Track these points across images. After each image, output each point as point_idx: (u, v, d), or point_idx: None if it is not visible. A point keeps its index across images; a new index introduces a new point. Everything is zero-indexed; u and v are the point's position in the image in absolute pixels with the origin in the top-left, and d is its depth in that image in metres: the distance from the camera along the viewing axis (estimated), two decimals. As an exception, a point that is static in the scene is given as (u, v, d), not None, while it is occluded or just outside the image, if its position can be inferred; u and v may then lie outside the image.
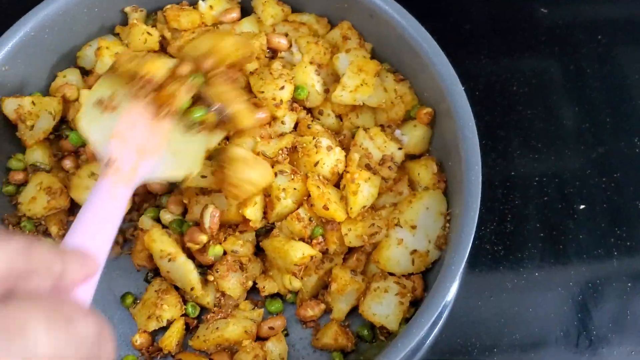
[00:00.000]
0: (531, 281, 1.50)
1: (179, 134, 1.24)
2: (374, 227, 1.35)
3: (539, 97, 1.68)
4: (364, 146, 1.43)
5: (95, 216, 1.03)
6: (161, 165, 1.20)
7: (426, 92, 1.44)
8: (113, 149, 1.16)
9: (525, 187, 1.58)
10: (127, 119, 1.21)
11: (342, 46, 1.54)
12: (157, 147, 1.20)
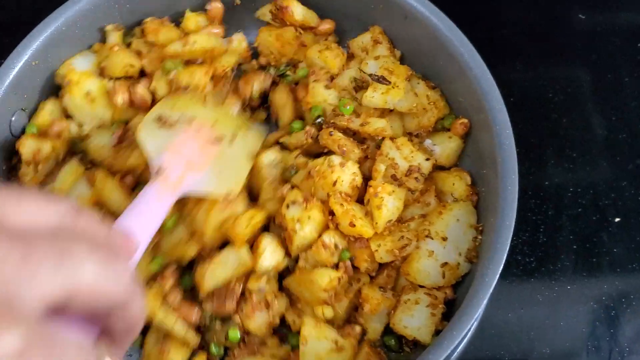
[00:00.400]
0: (563, 294, 1.46)
1: (227, 157, 1.35)
2: (403, 240, 1.32)
3: (575, 106, 1.64)
4: (390, 156, 1.39)
5: (141, 211, 1.14)
6: (205, 181, 1.29)
7: (461, 97, 1.41)
8: (165, 159, 1.27)
9: (559, 198, 1.55)
10: (182, 137, 1.32)
11: (371, 51, 1.51)
12: (204, 164, 1.31)
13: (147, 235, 1.11)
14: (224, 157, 1.35)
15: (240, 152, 1.39)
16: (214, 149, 1.34)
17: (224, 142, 1.36)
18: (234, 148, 1.38)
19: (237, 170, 1.37)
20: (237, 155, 1.38)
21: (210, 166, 1.32)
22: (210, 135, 1.36)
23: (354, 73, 1.50)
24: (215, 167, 1.33)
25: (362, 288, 1.32)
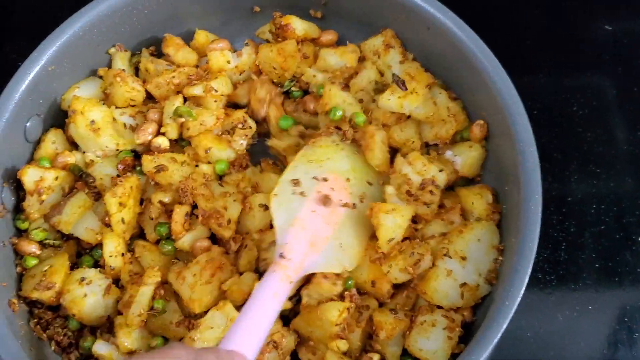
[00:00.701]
0: (584, 314, 1.42)
1: (351, 222, 1.30)
2: (415, 255, 1.28)
3: (600, 119, 1.60)
4: (402, 172, 1.36)
5: (254, 318, 1.10)
6: (324, 257, 1.25)
7: (484, 111, 1.37)
8: (289, 238, 1.24)
9: (581, 214, 1.51)
10: (310, 205, 1.28)
11: (383, 54, 1.48)
12: (327, 239, 1.26)
13: (260, 342, 1.08)
14: (348, 222, 1.30)
15: (365, 214, 1.31)
16: (340, 214, 1.29)
17: (356, 203, 1.32)
18: (361, 209, 1.33)
19: (359, 239, 1.31)
20: (362, 219, 1.32)
21: (334, 237, 1.28)
22: (342, 195, 1.31)
23: (373, 75, 1.48)
24: (336, 237, 1.28)
25: (373, 314, 1.29)
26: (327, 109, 1.44)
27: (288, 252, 1.22)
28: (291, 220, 1.26)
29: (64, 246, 1.39)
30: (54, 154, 1.43)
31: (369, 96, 1.47)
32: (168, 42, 1.53)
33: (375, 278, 1.30)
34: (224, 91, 1.48)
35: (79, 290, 1.29)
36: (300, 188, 1.31)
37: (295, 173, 1.34)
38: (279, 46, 1.49)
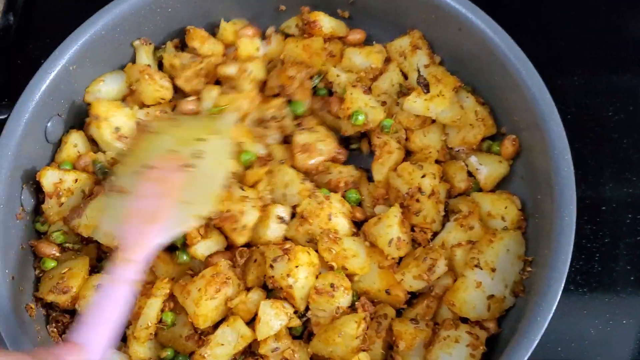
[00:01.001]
0: (618, 329, 1.36)
1: (198, 175, 1.26)
2: (428, 261, 1.25)
3: (637, 125, 1.53)
4: (394, 185, 1.35)
5: (98, 313, 1.10)
6: (178, 220, 1.23)
7: (516, 116, 1.33)
8: (122, 231, 1.21)
9: (616, 224, 1.45)
10: (137, 194, 1.24)
11: (409, 56, 1.44)
12: (165, 206, 1.22)
13: (107, 334, 1.09)
14: (191, 180, 1.26)
15: (211, 162, 1.29)
16: (177, 179, 1.25)
17: (191, 163, 1.28)
18: (205, 160, 1.29)
19: (212, 185, 1.29)
20: (210, 166, 1.30)
21: (179, 199, 1.24)
22: (174, 164, 1.27)
23: (396, 77, 1.44)
24: (186, 195, 1.25)
25: (392, 324, 1.25)
26: (349, 114, 1.40)
27: (121, 242, 1.19)
28: (120, 218, 1.23)
29: (84, 250, 1.37)
30: (76, 157, 1.41)
31: (391, 99, 1.43)
32: (192, 34, 1.50)
33: (389, 285, 1.27)
34: (257, 75, 1.45)
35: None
36: (119, 191, 1.26)
37: (117, 182, 1.29)
38: (305, 42, 1.46)
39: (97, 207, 1.32)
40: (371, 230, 1.30)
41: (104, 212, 1.29)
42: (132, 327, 1.26)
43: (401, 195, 1.33)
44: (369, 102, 1.40)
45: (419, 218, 1.31)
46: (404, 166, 1.34)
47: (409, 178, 1.32)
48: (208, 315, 1.23)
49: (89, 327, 1.08)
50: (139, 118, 1.42)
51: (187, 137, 1.32)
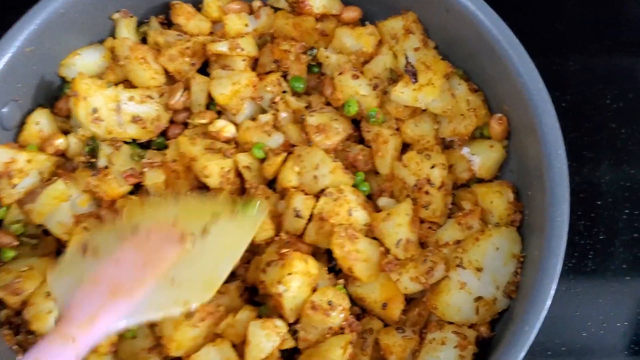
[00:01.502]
0: (612, 330, 1.29)
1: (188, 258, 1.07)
2: (427, 263, 1.17)
3: (636, 115, 1.46)
4: (400, 176, 1.26)
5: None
6: (151, 303, 1.03)
7: (507, 105, 1.23)
8: (75, 299, 0.99)
9: (612, 220, 1.38)
10: (112, 259, 1.04)
11: (401, 40, 1.34)
12: (142, 281, 1.02)
13: None
14: (192, 256, 1.08)
15: (217, 246, 1.11)
16: (169, 252, 1.06)
17: (189, 239, 1.09)
18: (208, 242, 1.11)
19: (210, 272, 1.09)
20: (211, 251, 1.11)
21: (166, 276, 1.05)
22: (172, 234, 1.09)
23: (389, 61, 1.34)
24: (176, 273, 1.06)
25: (378, 337, 1.17)
26: (341, 104, 1.32)
27: (67, 312, 0.98)
28: (78, 282, 1.02)
29: (43, 242, 1.28)
30: (38, 136, 1.32)
31: (383, 85, 1.34)
32: (178, 10, 1.40)
33: (388, 299, 1.18)
34: (250, 51, 1.36)
35: (44, 305, 1.17)
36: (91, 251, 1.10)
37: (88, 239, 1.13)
38: (296, 20, 1.38)
39: (52, 194, 1.23)
40: (379, 226, 1.22)
41: (62, 269, 1.10)
42: None
43: (408, 187, 1.25)
44: (359, 89, 1.32)
45: (428, 212, 1.23)
46: (410, 156, 1.25)
47: (417, 169, 1.24)
48: (183, 344, 1.13)
49: None
50: (122, 101, 1.31)
51: (199, 211, 1.15)
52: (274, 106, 1.33)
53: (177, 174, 1.27)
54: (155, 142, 1.35)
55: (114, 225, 1.14)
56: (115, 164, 1.28)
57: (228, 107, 1.32)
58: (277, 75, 1.35)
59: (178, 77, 1.36)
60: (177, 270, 1.06)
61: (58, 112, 1.37)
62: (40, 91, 1.36)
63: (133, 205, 1.20)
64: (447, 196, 1.25)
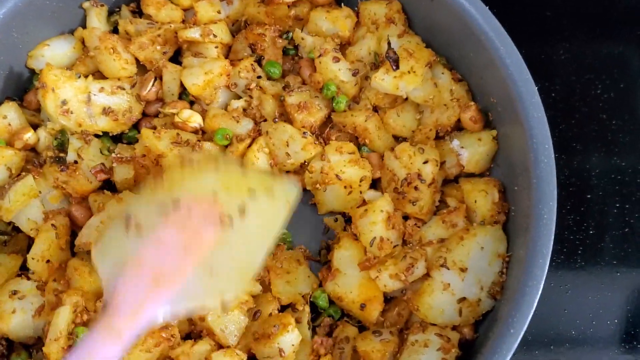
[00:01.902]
0: (602, 328, 1.26)
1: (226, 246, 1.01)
2: (407, 260, 1.13)
3: (627, 105, 1.41)
4: (390, 168, 1.22)
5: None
6: (185, 292, 0.97)
7: (493, 97, 1.19)
8: (119, 284, 0.96)
9: (603, 214, 1.33)
10: (154, 238, 1.00)
11: (382, 27, 1.29)
12: (183, 270, 0.98)
13: None
14: (225, 242, 1.02)
15: (252, 230, 1.05)
16: (208, 237, 1.01)
17: (231, 217, 1.03)
18: (245, 226, 1.04)
19: (245, 260, 1.04)
20: (247, 235, 1.05)
21: (204, 264, 1.00)
22: (211, 211, 1.02)
23: (373, 45, 1.29)
24: (213, 262, 1.00)
25: (355, 345, 1.13)
26: (320, 87, 1.28)
27: (114, 299, 0.95)
28: (123, 261, 1.00)
29: (14, 239, 1.24)
30: (6, 130, 1.27)
31: (365, 70, 1.29)
32: (147, 0, 1.35)
33: (367, 299, 1.14)
34: (223, 38, 1.31)
35: (8, 305, 1.14)
36: (134, 226, 1.04)
37: (130, 211, 1.06)
38: (268, 9, 1.33)
39: (21, 191, 1.19)
40: (357, 223, 1.18)
41: (105, 245, 1.05)
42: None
43: (397, 180, 1.21)
44: (339, 74, 1.27)
45: (415, 208, 1.19)
46: (403, 147, 1.21)
47: (408, 162, 1.20)
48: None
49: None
50: (92, 92, 1.26)
51: (236, 185, 1.09)
52: (249, 92, 1.28)
53: (146, 169, 1.23)
54: (127, 136, 1.31)
55: (154, 196, 1.07)
56: (85, 159, 1.23)
57: (201, 98, 1.27)
58: (250, 60, 1.31)
59: (149, 67, 1.32)
60: (215, 258, 1.00)
61: (27, 105, 1.32)
62: (8, 83, 1.31)
63: (174, 170, 1.12)
64: (436, 194, 1.22)
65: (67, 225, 1.20)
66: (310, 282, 1.19)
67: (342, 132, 1.29)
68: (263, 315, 1.13)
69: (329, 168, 1.20)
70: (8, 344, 1.17)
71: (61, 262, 1.19)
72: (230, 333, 1.10)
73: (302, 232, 1.27)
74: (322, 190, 1.22)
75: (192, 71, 1.27)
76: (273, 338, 1.07)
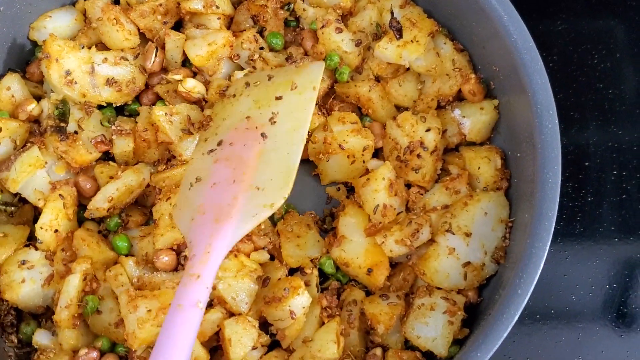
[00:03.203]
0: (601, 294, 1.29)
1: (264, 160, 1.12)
2: (412, 225, 1.15)
3: (625, 74, 1.43)
4: (392, 136, 1.23)
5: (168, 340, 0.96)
6: (241, 216, 1.07)
7: (495, 65, 1.20)
8: (192, 233, 1.07)
9: (601, 182, 1.36)
10: (209, 182, 1.11)
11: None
12: (235, 198, 1.08)
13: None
14: (263, 157, 1.12)
15: (286, 131, 1.15)
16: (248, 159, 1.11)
17: (266, 132, 1.15)
18: (278, 132, 1.15)
19: (285, 164, 1.12)
20: (281, 139, 1.15)
21: (252, 184, 1.10)
22: (244, 139, 1.14)
23: (375, 15, 1.30)
24: (258, 179, 1.10)
25: (364, 308, 1.14)
26: (322, 58, 1.29)
27: (190, 249, 1.05)
28: (192, 214, 1.10)
29: (20, 210, 1.24)
30: (10, 101, 1.26)
31: (367, 41, 1.31)
32: None
33: (373, 264, 1.16)
34: (225, 9, 1.32)
35: (17, 274, 1.15)
36: (194, 178, 1.15)
37: (191, 169, 1.18)
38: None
39: (27, 161, 1.19)
40: (360, 191, 1.20)
41: (180, 205, 1.14)
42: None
43: (399, 148, 1.22)
44: (341, 45, 1.28)
45: (418, 175, 1.21)
46: (405, 116, 1.23)
47: (411, 130, 1.22)
48: (147, 340, 1.08)
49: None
50: (95, 63, 1.26)
51: (265, 97, 1.20)
52: (252, 63, 1.29)
53: (147, 143, 1.24)
54: (129, 108, 1.31)
55: (205, 144, 1.19)
56: (85, 130, 1.24)
57: (205, 69, 1.28)
58: (252, 31, 1.31)
59: (149, 36, 1.32)
60: (259, 175, 1.10)
61: (30, 77, 1.32)
62: (10, 55, 1.31)
63: (217, 107, 1.23)
64: (438, 161, 1.23)
65: (75, 196, 1.20)
66: (320, 247, 1.20)
67: (345, 102, 1.30)
68: (272, 280, 1.14)
69: (331, 138, 1.21)
70: (17, 314, 1.18)
71: (68, 232, 1.19)
72: (241, 301, 1.12)
73: (305, 203, 1.29)
74: (325, 160, 1.23)
75: (195, 42, 1.27)
76: (284, 301, 1.08)
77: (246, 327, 1.09)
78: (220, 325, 1.10)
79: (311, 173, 1.29)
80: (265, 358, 1.13)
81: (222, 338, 1.09)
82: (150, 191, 1.23)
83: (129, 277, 1.14)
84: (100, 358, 1.12)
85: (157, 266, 1.14)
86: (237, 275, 1.12)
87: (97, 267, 1.16)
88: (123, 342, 1.12)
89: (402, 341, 1.14)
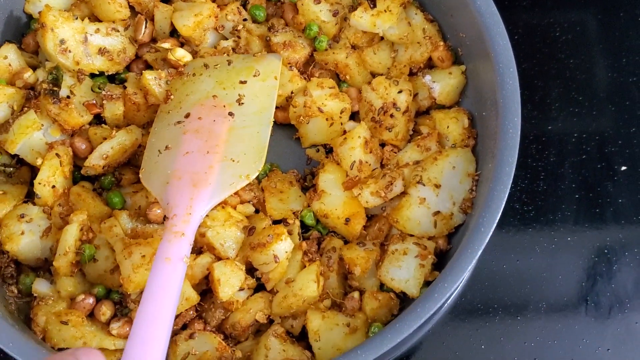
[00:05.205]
0: (562, 245, 1.38)
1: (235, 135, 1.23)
2: (386, 178, 1.23)
3: (583, 46, 1.53)
4: (367, 99, 1.32)
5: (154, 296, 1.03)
6: (218, 184, 1.17)
7: (462, 32, 1.30)
8: (169, 196, 1.16)
9: (562, 144, 1.45)
10: (181, 150, 1.20)
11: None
12: (211, 167, 1.18)
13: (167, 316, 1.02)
14: (233, 132, 1.22)
15: (253, 112, 1.26)
16: (220, 132, 1.21)
17: (233, 111, 1.24)
18: (245, 112, 1.25)
19: (256, 141, 1.23)
20: (250, 119, 1.25)
21: (225, 156, 1.20)
22: (213, 114, 1.23)
23: None
24: (231, 152, 1.20)
25: (342, 254, 1.23)
26: (302, 28, 1.38)
27: (170, 210, 1.14)
28: (166, 179, 1.19)
29: (18, 172, 1.31)
30: (7, 70, 1.33)
31: (343, 12, 1.39)
32: None
33: (350, 214, 1.24)
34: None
35: (16, 227, 1.21)
36: (163, 146, 1.23)
37: (157, 138, 1.26)
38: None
39: (25, 124, 1.26)
40: (337, 150, 1.29)
41: (148, 169, 1.22)
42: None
43: (374, 109, 1.31)
44: (320, 15, 1.37)
45: (391, 134, 1.30)
46: (379, 80, 1.32)
47: (384, 93, 1.30)
48: (141, 284, 1.14)
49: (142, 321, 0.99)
50: (88, 33, 1.34)
51: (228, 80, 1.29)
52: (237, 33, 1.37)
53: (137, 106, 1.31)
54: (119, 77, 1.38)
55: (170, 118, 1.27)
56: (77, 95, 1.31)
57: (191, 39, 1.36)
58: (236, 4, 1.39)
59: (138, 9, 1.39)
60: (231, 148, 1.20)
61: (25, 48, 1.39)
62: (7, 27, 1.38)
63: (176, 82, 1.31)
64: (410, 122, 1.32)
65: (70, 155, 1.27)
66: (301, 201, 1.28)
67: (324, 69, 1.39)
68: (257, 229, 1.22)
69: (311, 102, 1.30)
70: (17, 267, 1.25)
71: (65, 189, 1.26)
72: (229, 247, 1.20)
73: (287, 165, 1.37)
74: (306, 123, 1.32)
75: (182, 13, 1.35)
76: (268, 246, 1.16)
77: (234, 269, 1.17)
78: (210, 268, 1.17)
79: (292, 137, 1.37)
80: (252, 298, 1.21)
81: (211, 280, 1.17)
82: (141, 151, 1.29)
83: (123, 229, 1.21)
84: (96, 304, 1.20)
85: (149, 218, 1.22)
86: (224, 225, 1.20)
87: (93, 220, 1.23)
88: (118, 289, 1.20)
89: (378, 285, 1.22)
